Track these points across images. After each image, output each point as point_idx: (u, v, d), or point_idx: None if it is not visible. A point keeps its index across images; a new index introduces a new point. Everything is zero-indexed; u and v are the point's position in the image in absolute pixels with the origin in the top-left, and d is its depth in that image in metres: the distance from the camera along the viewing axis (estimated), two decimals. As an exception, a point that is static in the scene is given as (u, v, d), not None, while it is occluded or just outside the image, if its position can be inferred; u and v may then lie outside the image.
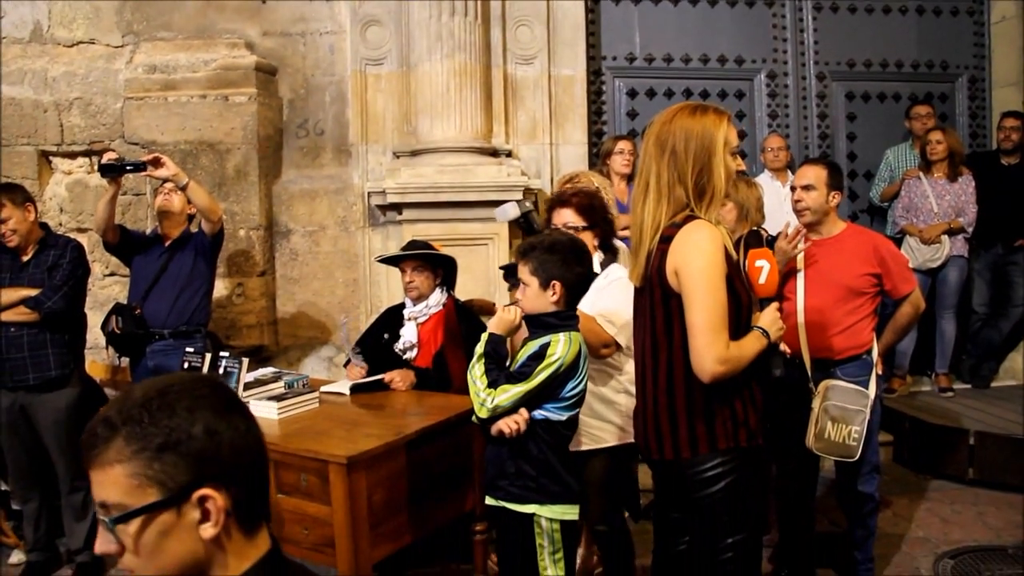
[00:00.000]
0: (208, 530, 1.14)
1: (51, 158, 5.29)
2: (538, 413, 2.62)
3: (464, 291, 3.97)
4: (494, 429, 2.60)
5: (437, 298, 3.92)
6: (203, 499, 1.12)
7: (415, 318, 3.92)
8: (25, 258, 3.97)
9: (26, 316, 3.85)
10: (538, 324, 2.67)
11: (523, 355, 2.63)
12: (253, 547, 1.20)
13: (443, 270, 3.98)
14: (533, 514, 2.64)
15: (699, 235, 2.26)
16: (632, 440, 3.11)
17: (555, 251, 2.64)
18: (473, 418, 2.71)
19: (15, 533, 4.35)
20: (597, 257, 3.17)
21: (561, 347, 2.58)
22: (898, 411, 5.40)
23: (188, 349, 3.76)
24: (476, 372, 2.61)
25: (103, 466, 1.12)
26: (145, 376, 4.17)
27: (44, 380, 3.89)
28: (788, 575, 3.73)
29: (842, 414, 3.35)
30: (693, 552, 2.50)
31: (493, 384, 2.57)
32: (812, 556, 3.79)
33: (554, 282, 2.62)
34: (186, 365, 3.62)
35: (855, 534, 3.63)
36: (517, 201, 3.14)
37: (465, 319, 3.86)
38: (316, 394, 3.64)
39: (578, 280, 2.68)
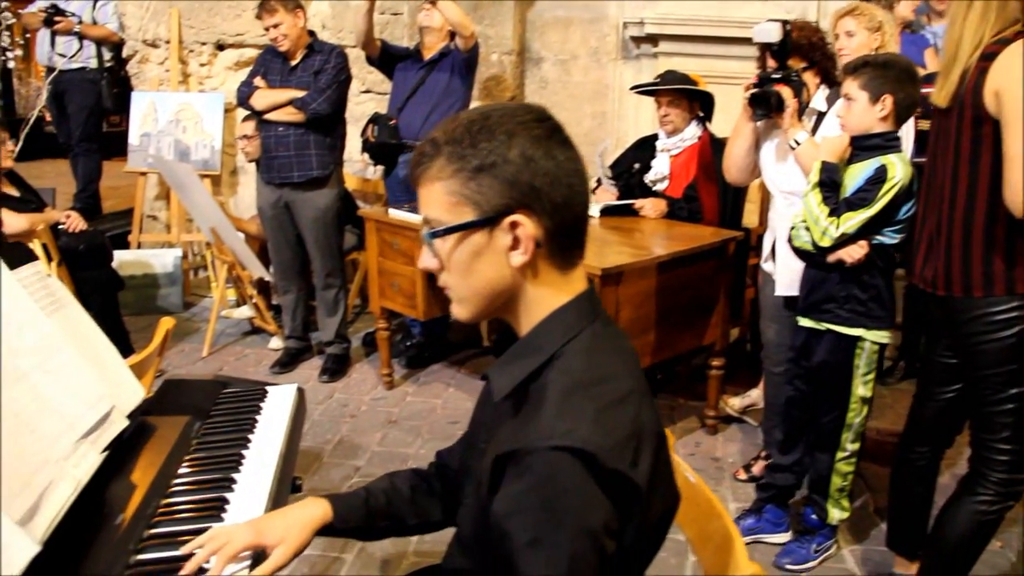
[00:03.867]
0: (517, 258, 1.12)
1: (316, -26, 5.43)
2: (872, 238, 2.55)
3: (717, 132, 3.79)
4: (833, 257, 2.55)
5: (692, 131, 3.78)
6: (514, 225, 1.10)
7: (668, 150, 3.81)
8: (293, 62, 4.12)
9: (293, 116, 4.04)
10: (865, 146, 2.54)
11: (854, 179, 2.53)
12: (568, 284, 1.18)
13: (699, 104, 3.81)
14: (859, 337, 2.61)
15: (1031, 55, 1.98)
16: None
17: (889, 67, 2.50)
18: (796, 243, 2.66)
19: (275, 322, 4.72)
20: (822, 92, 3.02)
21: (900, 169, 2.47)
22: None
23: None
24: (813, 201, 2.53)
25: (427, 183, 1.14)
26: (395, 186, 4.32)
27: (307, 179, 4.10)
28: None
29: None
30: (965, 400, 2.33)
31: (834, 212, 2.49)
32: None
33: (885, 96, 2.46)
34: None
35: None
36: (782, 22, 2.87)
37: (721, 154, 3.69)
38: (565, 213, 3.64)
39: (908, 102, 2.51)
